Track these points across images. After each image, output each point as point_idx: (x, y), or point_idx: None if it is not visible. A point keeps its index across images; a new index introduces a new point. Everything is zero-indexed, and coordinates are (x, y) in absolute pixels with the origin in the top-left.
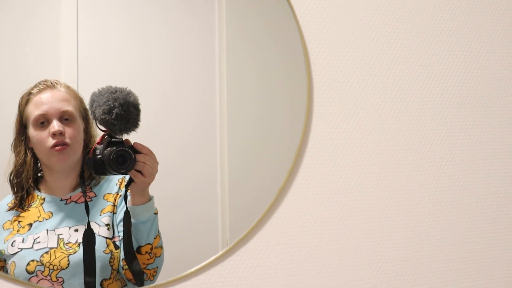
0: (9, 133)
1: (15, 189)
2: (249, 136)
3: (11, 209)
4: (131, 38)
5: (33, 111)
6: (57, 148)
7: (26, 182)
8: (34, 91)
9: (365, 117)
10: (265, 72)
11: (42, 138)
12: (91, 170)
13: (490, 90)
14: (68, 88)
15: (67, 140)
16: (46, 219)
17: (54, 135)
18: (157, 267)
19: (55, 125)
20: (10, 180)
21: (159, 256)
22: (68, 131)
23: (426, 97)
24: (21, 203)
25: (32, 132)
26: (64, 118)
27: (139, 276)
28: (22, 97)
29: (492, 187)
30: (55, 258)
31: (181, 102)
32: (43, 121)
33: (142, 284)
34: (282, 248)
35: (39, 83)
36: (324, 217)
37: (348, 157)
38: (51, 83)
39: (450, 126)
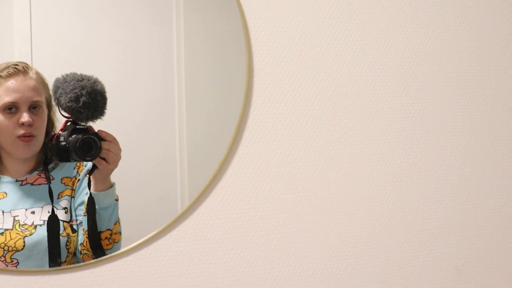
0: None
1: None
2: (201, 114)
3: None
4: (85, 24)
5: (2, 96)
6: (24, 138)
7: None
8: (3, 73)
9: (306, 91)
10: (215, 51)
11: (9, 125)
12: (54, 156)
13: (431, 62)
14: (37, 74)
15: (34, 132)
16: (0, 199)
17: (23, 125)
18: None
19: (25, 116)
20: None
21: (117, 242)
22: (36, 121)
23: (367, 71)
24: None
25: None
26: (33, 107)
27: (99, 254)
28: None
29: (433, 159)
30: (11, 239)
31: (138, 86)
32: (12, 107)
33: None
34: (224, 222)
35: (10, 65)
36: (265, 190)
37: (289, 131)
38: (23, 68)
39: (391, 100)
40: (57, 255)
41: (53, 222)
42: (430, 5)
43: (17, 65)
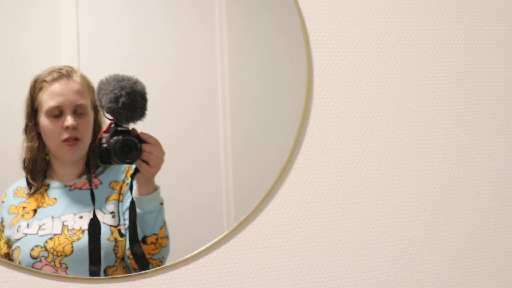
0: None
1: (31, 174)
2: (251, 118)
3: (16, 195)
4: (132, 27)
5: (47, 100)
6: (69, 142)
7: (41, 168)
8: (48, 78)
9: (367, 94)
10: (265, 53)
11: (55, 130)
12: (97, 158)
13: (493, 63)
14: (82, 77)
15: (79, 135)
16: (50, 205)
17: (67, 129)
18: (163, 257)
19: (69, 120)
20: (25, 166)
21: (164, 247)
22: (81, 124)
23: (429, 71)
24: (29, 189)
25: (44, 120)
26: (78, 111)
27: (141, 261)
28: (35, 82)
29: (498, 163)
30: (59, 244)
31: (183, 88)
32: (57, 113)
33: (145, 269)
34: (285, 228)
35: (54, 70)
36: (327, 196)
37: (350, 135)
38: (67, 72)
39: (454, 101)
40: (97, 259)
41: (93, 226)
42: (492, 2)
43: (61, 69)
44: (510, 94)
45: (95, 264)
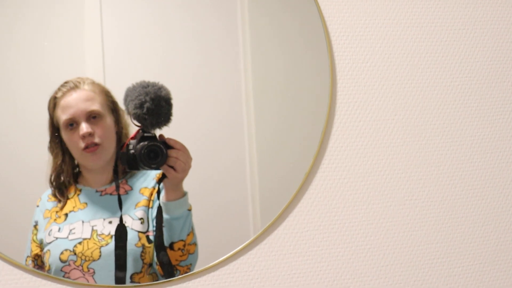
0: (39, 131)
1: (57, 189)
2: (275, 123)
3: (50, 200)
4: (155, 33)
5: (61, 115)
6: (88, 149)
7: (68, 182)
8: (59, 94)
9: (391, 97)
10: (288, 57)
11: (74, 141)
12: (124, 165)
13: None
14: (92, 84)
15: (97, 140)
16: (81, 209)
17: (83, 137)
18: (191, 264)
19: (83, 128)
20: (51, 181)
21: (192, 253)
22: (97, 130)
23: (454, 74)
24: (60, 197)
25: (64, 135)
26: (92, 116)
27: (167, 268)
28: (49, 101)
29: None
30: (88, 248)
31: (208, 94)
32: (72, 123)
33: (171, 277)
34: (310, 234)
35: (62, 85)
36: (352, 201)
37: (374, 138)
38: (74, 84)
39: (480, 102)
40: (123, 264)
41: (120, 232)
42: None
43: (67, 82)
44: None
45: (121, 270)
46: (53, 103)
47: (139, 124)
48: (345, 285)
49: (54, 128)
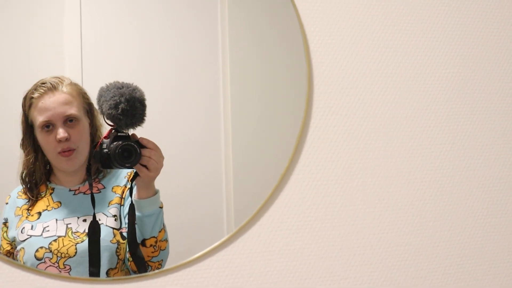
0: (14, 128)
1: (29, 186)
2: (252, 125)
3: (20, 197)
4: (134, 33)
5: (37, 116)
6: (64, 153)
7: (40, 179)
8: (35, 95)
9: (365, 104)
10: (267, 64)
11: (49, 143)
12: (98, 163)
13: (490, 74)
14: (70, 85)
15: (73, 145)
16: (55, 209)
17: (60, 141)
18: (162, 260)
19: (60, 132)
20: (23, 179)
21: (164, 249)
22: (74, 134)
23: (426, 83)
24: (32, 195)
25: (38, 135)
26: (69, 120)
27: (142, 263)
28: (24, 99)
29: (492, 172)
30: (63, 246)
31: (185, 96)
32: (48, 125)
33: (143, 272)
34: (284, 233)
35: (40, 85)
36: (326, 202)
37: (348, 143)
38: (51, 85)
39: (450, 112)
40: (96, 260)
41: (93, 229)
42: (488, 11)
43: (45, 83)
44: (506, 104)
45: (94, 266)
46: (29, 103)
47: (112, 124)
48: (316, 283)
49: (28, 125)
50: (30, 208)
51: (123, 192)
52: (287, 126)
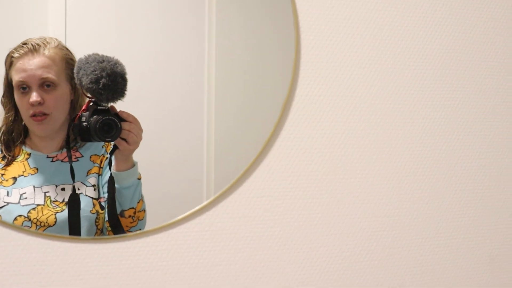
0: None
1: (6, 144)
2: (237, 92)
3: None
4: (120, 5)
5: (14, 76)
6: (35, 118)
7: (17, 139)
8: (16, 55)
9: (351, 75)
10: (253, 31)
11: (23, 105)
12: (77, 136)
13: (473, 54)
14: (55, 49)
15: (46, 110)
16: (32, 175)
17: (32, 105)
18: (140, 229)
19: (33, 96)
20: (0, 135)
21: (141, 219)
22: (49, 99)
23: (411, 57)
24: (8, 153)
25: (15, 95)
26: (46, 84)
27: (119, 233)
28: (6, 57)
29: (472, 148)
30: (43, 215)
31: (168, 65)
32: (24, 87)
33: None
34: (265, 200)
35: (21, 46)
36: (308, 171)
37: (333, 113)
38: (33, 46)
39: (433, 88)
40: (77, 233)
41: (73, 202)
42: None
43: (26, 43)
44: (487, 84)
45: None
46: (10, 62)
47: (90, 97)
48: (295, 249)
49: (9, 84)
50: (3, 173)
51: (101, 161)
52: (273, 94)
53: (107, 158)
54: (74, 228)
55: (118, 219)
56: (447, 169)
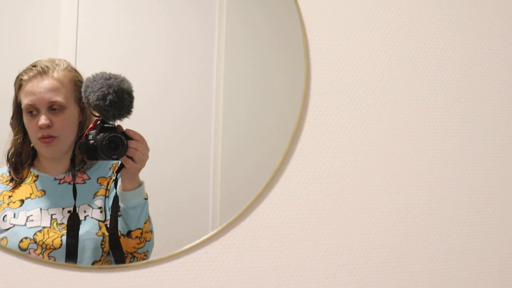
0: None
1: (14, 167)
2: (244, 120)
3: (1, 181)
4: (129, 22)
5: (23, 99)
6: (43, 140)
7: (26, 161)
8: (25, 77)
9: (361, 107)
10: (263, 55)
11: (32, 127)
12: (83, 155)
13: (484, 84)
14: (64, 71)
15: (54, 133)
16: (39, 197)
17: (41, 128)
18: (147, 251)
19: (42, 119)
20: (8, 158)
21: (149, 241)
22: (57, 122)
23: (421, 89)
24: (16, 175)
25: (24, 118)
26: (53, 108)
27: (121, 256)
28: (16, 80)
29: (480, 180)
30: (48, 237)
31: (176, 86)
32: (32, 110)
33: (121, 262)
34: (273, 230)
35: (31, 68)
36: (315, 201)
37: (341, 144)
38: (42, 69)
39: (442, 120)
40: (73, 253)
41: (73, 221)
42: (492, 25)
43: (36, 66)
44: (496, 115)
45: (71, 259)
46: (19, 84)
47: (99, 115)
48: (302, 281)
49: (18, 107)
50: (11, 195)
51: (108, 183)
52: (282, 122)
53: (113, 180)
54: (70, 249)
55: (118, 240)
56: (455, 200)
